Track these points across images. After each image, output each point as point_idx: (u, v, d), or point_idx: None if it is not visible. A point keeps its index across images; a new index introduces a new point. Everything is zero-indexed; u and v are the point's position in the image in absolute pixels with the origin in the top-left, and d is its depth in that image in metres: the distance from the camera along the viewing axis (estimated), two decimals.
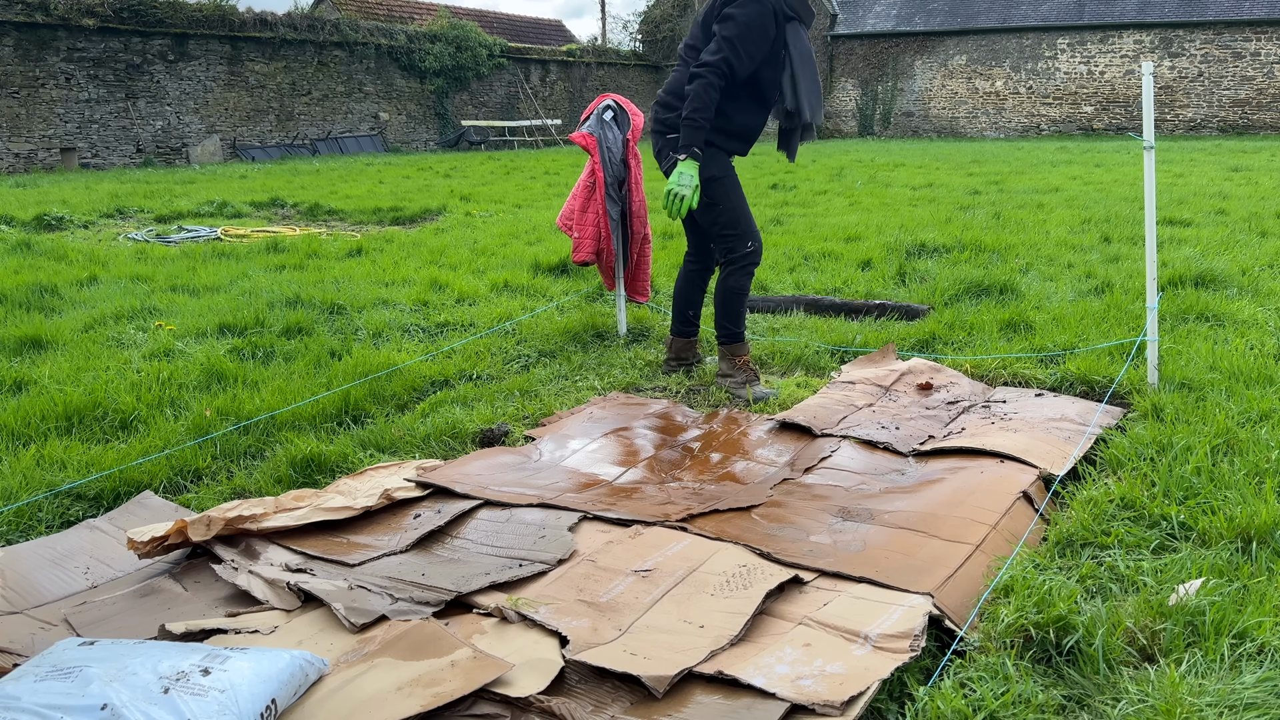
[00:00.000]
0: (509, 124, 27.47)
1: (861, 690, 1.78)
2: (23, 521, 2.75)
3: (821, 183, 12.66)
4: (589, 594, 2.21)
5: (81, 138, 18.89)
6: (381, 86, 24.69)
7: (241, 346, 4.43)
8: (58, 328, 4.77)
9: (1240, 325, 4.38)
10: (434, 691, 1.81)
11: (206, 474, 3.10)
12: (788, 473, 2.98)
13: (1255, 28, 25.65)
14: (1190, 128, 26.57)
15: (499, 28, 32.50)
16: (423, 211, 10.41)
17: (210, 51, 20.86)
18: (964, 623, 2.07)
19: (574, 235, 4.38)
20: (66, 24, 18.31)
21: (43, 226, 9.27)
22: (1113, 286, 5.27)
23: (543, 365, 4.30)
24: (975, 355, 4.15)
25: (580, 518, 2.62)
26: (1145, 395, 3.42)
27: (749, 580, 2.22)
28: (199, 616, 2.18)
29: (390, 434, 3.38)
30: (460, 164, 18.27)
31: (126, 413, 3.49)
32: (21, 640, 2.10)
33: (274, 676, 1.76)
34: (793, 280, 5.95)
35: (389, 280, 6.16)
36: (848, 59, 31.04)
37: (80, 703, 1.59)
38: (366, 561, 2.40)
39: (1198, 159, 15.25)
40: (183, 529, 2.44)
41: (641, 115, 4.45)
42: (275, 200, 11.66)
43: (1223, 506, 2.47)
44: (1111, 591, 2.16)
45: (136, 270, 6.53)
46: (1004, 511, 2.58)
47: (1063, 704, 1.81)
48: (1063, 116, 28.11)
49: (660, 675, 1.83)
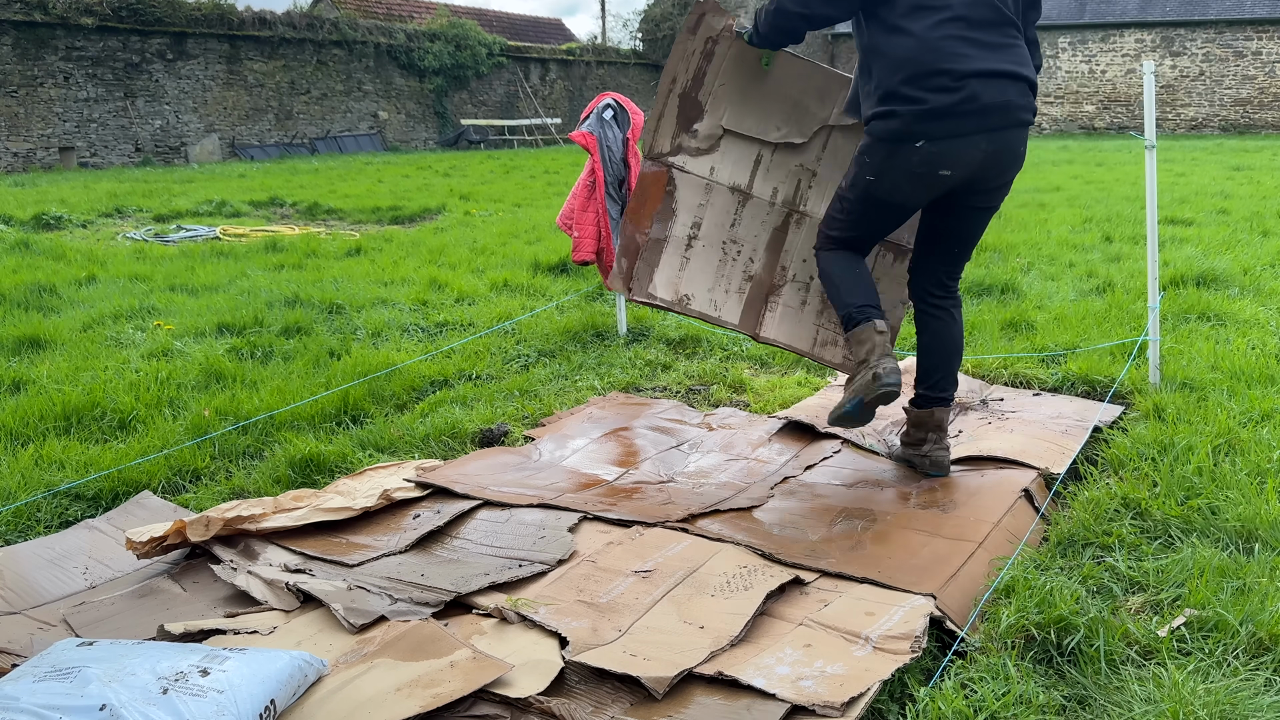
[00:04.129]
0: (508, 123, 27.45)
1: (862, 691, 1.78)
2: (21, 521, 2.74)
3: None
4: (589, 595, 2.20)
5: (80, 137, 18.88)
6: (380, 85, 24.67)
7: (240, 346, 4.42)
8: (56, 327, 4.77)
9: (1242, 325, 4.38)
10: (433, 692, 1.80)
11: (205, 474, 3.09)
12: (789, 472, 2.97)
13: (1257, 27, 25.65)
14: (1192, 127, 26.56)
15: (498, 26, 32.47)
16: (422, 211, 10.40)
17: (209, 50, 20.84)
18: (965, 623, 2.07)
19: (574, 235, 4.37)
20: (65, 23, 18.29)
21: (41, 226, 9.26)
22: (1114, 286, 5.27)
23: (542, 365, 4.29)
24: (976, 355, 4.14)
25: (580, 518, 2.62)
26: (1147, 395, 3.41)
27: (750, 581, 2.21)
28: (198, 617, 2.17)
29: (389, 434, 3.37)
30: (460, 163, 18.25)
31: (125, 413, 3.48)
32: (20, 640, 2.10)
33: (273, 677, 1.75)
34: None
35: (388, 280, 6.15)
36: (849, 58, 31.00)
37: (79, 703, 1.58)
38: (366, 562, 2.40)
39: (1199, 158, 15.25)
40: (181, 529, 2.43)
41: (641, 114, 4.44)
42: (274, 199, 11.66)
43: (1225, 506, 2.46)
44: (1113, 592, 2.16)
45: (135, 270, 6.52)
46: (1005, 511, 2.57)
47: (1064, 704, 1.80)
48: (1064, 115, 28.10)
49: (660, 676, 1.83)
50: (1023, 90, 2.69)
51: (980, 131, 2.63)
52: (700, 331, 4.68)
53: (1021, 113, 2.69)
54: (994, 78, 2.62)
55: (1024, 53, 2.72)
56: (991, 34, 2.66)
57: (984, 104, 2.61)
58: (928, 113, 2.60)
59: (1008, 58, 2.66)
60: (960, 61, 2.60)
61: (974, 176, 2.72)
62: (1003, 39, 2.68)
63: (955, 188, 2.74)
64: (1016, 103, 2.66)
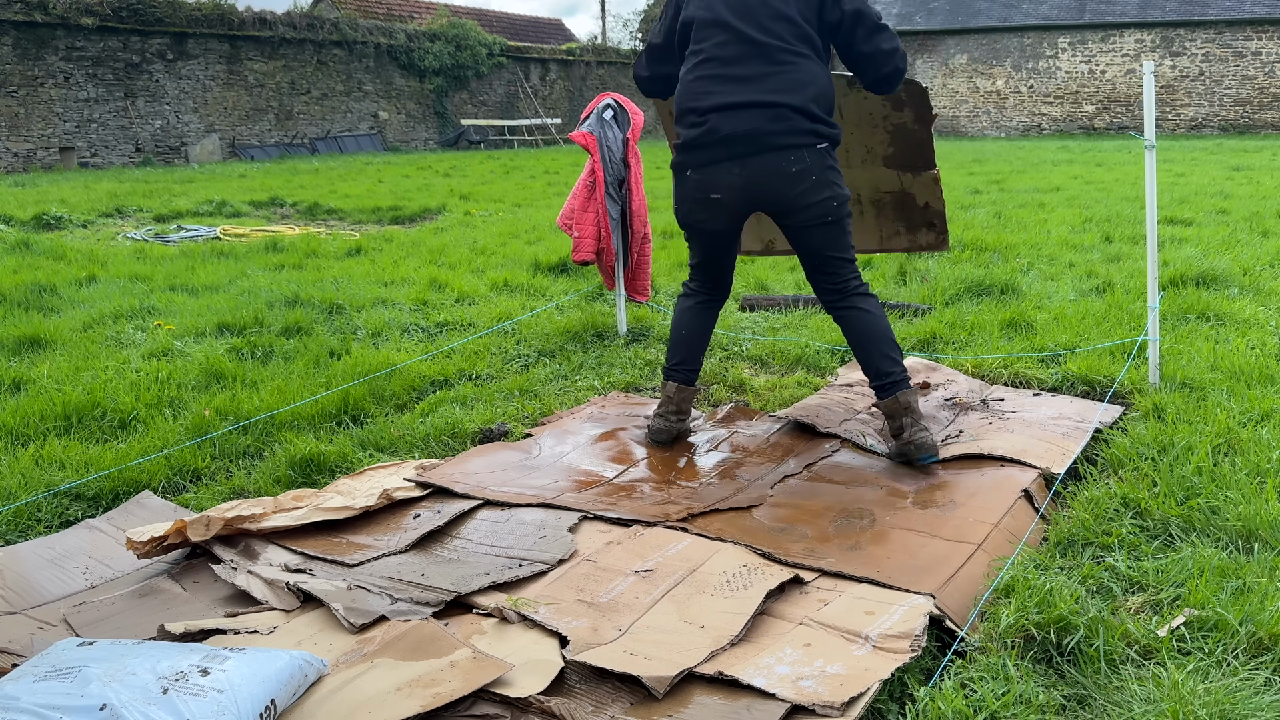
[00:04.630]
0: (509, 123, 27.45)
1: (862, 691, 1.78)
2: (21, 521, 2.74)
3: None
4: (589, 594, 2.20)
5: (80, 137, 18.88)
6: (381, 85, 24.67)
7: (240, 346, 4.42)
8: (56, 327, 4.77)
9: (1241, 325, 4.38)
10: (433, 692, 1.81)
11: (205, 474, 3.09)
12: (788, 471, 2.97)
13: (1256, 27, 25.65)
14: (1191, 127, 26.56)
15: (498, 26, 32.47)
16: (422, 211, 10.41)
17: (209, 50, 20.85)
18: (965, 623, 2.07)
19: (574, 235, 4.38)
20: (65, 23, 18.30)
21: (41, 226, 9.26)
22: (1114, 286, 5.27)
23: (542, 365, 4.29)
24: (976, 355, 4.14)
25: (580, 517, 2.62)
26: (1146, 395, 3.42)
27: (749, 580, 2.21)
28: (198, 617, 2.17)
29: (389, 434, 3.37)
30: (460, 163, 18.26)
31: (125, 412, 3.48)
32: (20, 640, 2.10)
33: (273, 677, 1.75)
34: (793, 280, 5.95)
35: (388, 280, 6.15)
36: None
37: (79, 703, 1.58)
38: (366, 562, 2.40)
39: (1199, 158, 15.25)
40: (182, 529, 2.43)
41: (641, 114, 4.44)
42: (274, 199, 11.66)
43: (1224, 506, 2.46)
44: (1113, 592, 2.16)
45: (135, 270, 6.52)
46: (1005, 511, 2.57)
47: (1063, 704, 1.80)
48: (1064, 115, 28.10)
49: (660, 676, 1.83)
50: (778, 116, 2.89)
51: (729, 159, 2.93)
52: None
53: (775, 138, 2.89)
54: (736, 109, 2.90)
55: (789, 78, 2.90)
56: (745, 67, 2.92)
57: (724, 134, 2.90)
58: (684, 145, 3.00)
59: (760, 88, 2.90)
60: (703, 99, 2.94)
61: (757, 199, 2.98)
62: (760, 69, 2.91)
63: (768, 211, 3.03)
64: (764, 129, 2.89)
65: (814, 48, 2.95)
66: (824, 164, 2.94)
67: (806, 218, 2.97)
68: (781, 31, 2.91)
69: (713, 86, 2.93)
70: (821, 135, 2.94)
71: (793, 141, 2.89)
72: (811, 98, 2.91)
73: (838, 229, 3.02)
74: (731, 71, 2.92)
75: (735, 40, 2.93)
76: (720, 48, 2.94)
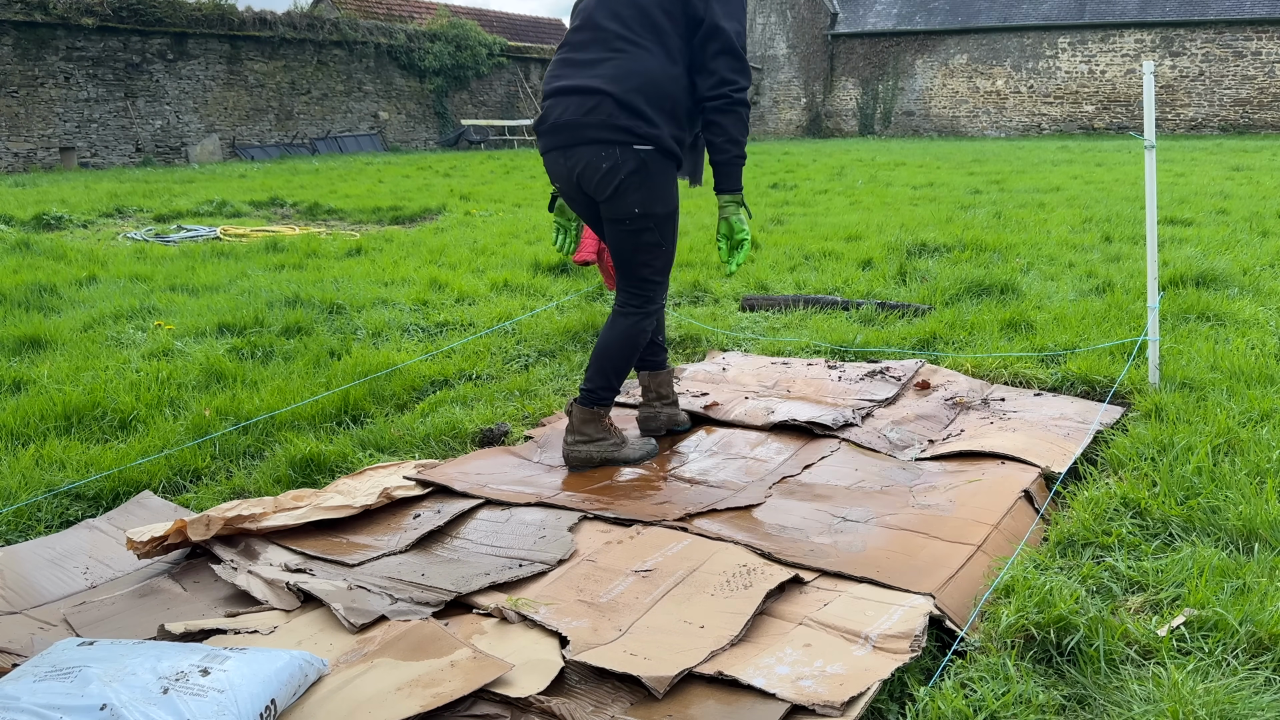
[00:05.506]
0: (509, 123, 27.45)
1: (862, 691, 1.78)
2: (22, 521, 2.74)
3: (822, 182, 12.66)
4: (589, 594, 2.20)
5: (80, 137, 18.89)
6: (381, 85, 24.68)
7: (241, 346, 4.42)
8: (57, 327, 4.77)
9: (1241, 325, 4.38)
10: (434, 692, 1.81)
11: (206, 474, 3.09)
12: (788, 471, 2.97)
13: (1256, 27, 25.65)
14: (1191, 127, 26.56)
15: (498, 26, 32.47)
16: (422, 211, 10.41)
17: (209, 51, 20.86)
18: (965, 623, 2.07)
19: None
20: (65, 23, 18.31)
21: (42, 226, 9.26)
22: (1114, 286, 5.27)
23: (542, 365, 4.29)
24: (976, 355, 4.14)
25: (580, 517, 2.62)
26: (1146, 395, 3.42)
27: (749, 580, 2.21)
28: (198, 617, 2.17)
29: (390, 434, 3.37)
30: (460, 163, 18.26)
31: (126, 412, 3.48)
32: (21, 640, 2.10)
33: (273, 677, 1.75)
34: (793, 280, 5.95)
35: (388, 280, 6.16)
36: (848, 58, 31.02)
37: (79, 703, 1.58)
38: (366, 561, 2.40)
39: (1199, 158, 15.25)
40: (182, 529, 2.43)
41: None
42: (274, 199, 11.66)
43: (1224, 506, 2.46)
44: (1113, 592, 2.16)
45: (135, 270, 6.52)
46: (1005, 511, 2.57)
47: (1063, 704, 1.80)
48: (1064, 116, 28.10)
49: (660, 676, 1.83)
50: (596, 106, 2.73)
51: (557, 148, 2.83)
52: (700, 331, 4.69)
53: (588, 130, 2.74)
54: (566, 95, 2.79)
55: (618, 66, 2.74)
56: (586, 53, 2.83)
57: (552, 122, 2.82)
58: (535, 129, 2.93)
59: (589, 73, 2.78)
60: (551, 82, 2.87)
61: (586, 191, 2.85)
62: (596, 55, 2.79)
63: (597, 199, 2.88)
64: (580, 120, 2.75)
65: (660, 39, 2.75)
66: (638, 168, 2.75)
67: (615, 213, 2.85)
68: (628, 18, 2.76)
69: (559, 70, 2.87)
70: (639, 135, 2.72)
71: (604, 136, 2.72)
72: (635, 88, 2.71)
73: (632, 240, 2.89)
74: (575, 56, 2.83)
75: (585, 26, 2.84)
76: (575, 33, 2.88)
